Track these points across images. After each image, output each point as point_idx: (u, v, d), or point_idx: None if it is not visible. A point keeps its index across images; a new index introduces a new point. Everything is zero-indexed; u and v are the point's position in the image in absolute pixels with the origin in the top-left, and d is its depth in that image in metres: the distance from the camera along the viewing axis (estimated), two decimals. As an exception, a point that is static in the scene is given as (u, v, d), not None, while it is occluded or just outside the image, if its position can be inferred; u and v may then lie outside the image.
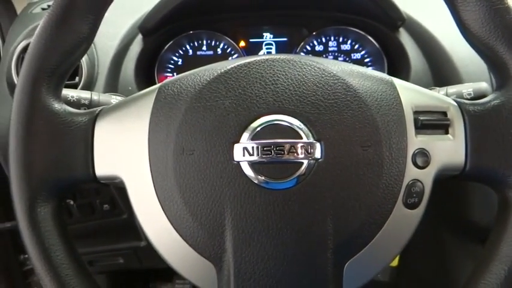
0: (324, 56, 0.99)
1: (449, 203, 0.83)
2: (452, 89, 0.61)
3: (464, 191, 0.84)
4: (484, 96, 0.59)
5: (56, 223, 0.47)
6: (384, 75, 0.50)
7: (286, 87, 0.46)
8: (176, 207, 0.44)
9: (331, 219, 0.42)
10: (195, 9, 0.89)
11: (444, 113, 0.47)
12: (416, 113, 0.46)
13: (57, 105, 0.48)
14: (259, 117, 0.45)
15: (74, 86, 0.79)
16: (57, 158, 0.46)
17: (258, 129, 0.44)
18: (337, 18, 0.97)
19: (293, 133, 0.44)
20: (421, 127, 0.46)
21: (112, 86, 0.83)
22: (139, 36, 0.89)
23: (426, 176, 0.45)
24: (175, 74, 0.99)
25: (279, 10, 0.98)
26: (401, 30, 0.88)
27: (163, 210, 0.45)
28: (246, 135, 0.44)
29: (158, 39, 0.93)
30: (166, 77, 0.98)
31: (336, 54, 0.99)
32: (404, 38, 0.88)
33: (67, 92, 0.62)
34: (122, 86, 0.84)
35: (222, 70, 0.48)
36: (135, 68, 0.87)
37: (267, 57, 0.48)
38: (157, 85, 0.51)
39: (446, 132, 0.47)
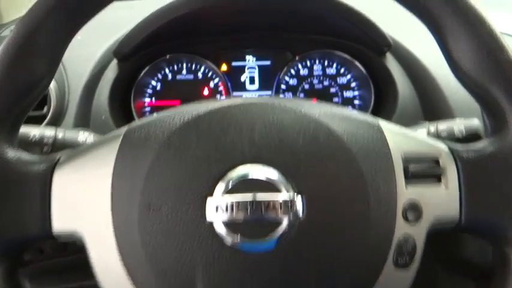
0: (309, 79, 0.95)
1: (441, 239, 0.79)
2: (443, 125, 0.57)
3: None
4: (476, 134, 0.55)
5: (8, 286, 0.42)
6: (370, 118, 0.46)
7: (263, 135, 0.42)
8: (141, 271, 0.39)
9: (315, 284, 0.37)
10: (174, 32, 0.85)
11: (436, 161, 0.43)
12: (406, 161, 0.42)
13: (11, 153, 0.43)
14: (234, 168, 0.41)
15: (42, 118, 0.74)
16: (9, 215, 0.41)
17: (233, 182, 0.40)
18: (322, 42, 0.93)
19: (271, 186, 0.40)
20: (412, 177, 0.42)
21: (84, 115, 0.78)
22: (115, 61, 0.84)
23: (418, 231, 0.41)
24: (153, 99, 0.95)
25: (262, 33, 0.94)
26: (388, 55, 0.85)
27: (127, 273, 0.40)
28: (219, 189, 0.40)
29: (135, 63, 0.89)
30: (144, 102, 0.94)
31: (321, 78, 0.96)
32: (391, 64, 0.85)
33: (28, 130, 0.57)
34: (94, 114, 0.79)
35: (194, 115, 0.43)
36: (109, 94, 0.82)
37: (243, 101, 0.44)
38: (123, 129, 0.46)
39: (439, 181, 0.43)
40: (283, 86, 0.95)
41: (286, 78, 0.95)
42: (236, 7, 0.79)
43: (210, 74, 0.95)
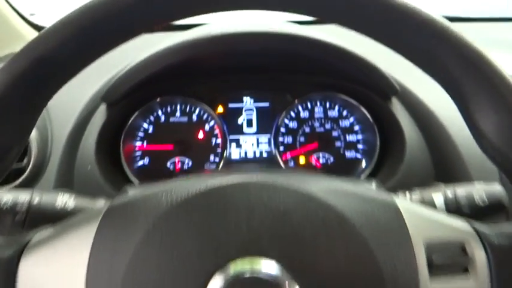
0: (310, 122, 0.90)
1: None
2: (461, 190, 0.52)
3: None
4: (499, 203, 0.50)
5: None
6: (385, 197, 0.41)
7: (264, 222, 0.36)
8: None
9: None
10: (167, 74, 0.80)
11: (462, 248, 0.37)
12: (429, 250, 0.36)
13: None
14: (230, 263, 0.35)
15: (22, 170, 0.69)
16: None
17: (229, 280, 0.34)
18: (323, 83, 0.89)
19: (273, 285, 0.34)
20: (436, 268, 0.36)
21: (68, 166, 0.72)
22: (103, 105, 0.79)
23: None
24: (145, 142, 0.89)
25: (261, 74, 0.89)
26: (394, 99, 0.81)
27: None
28: (212, 289, 0.33)
29: (126, 106, 0.84)
30: (135, 147, 0.88)
31: (323, 121, 0.91)
32: (397, 109, 0.80)
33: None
34: (79, 165, 0.74)
35: (183, 197, 0.38)
36: (97, 141, 0.76)
37: (240, 179, 0.38)
38: (103, 209, 0.40)
39: (466, 271, 0.37)
40: (282, 129, 0.90)
41: (286, 120, 0.90)
42: (233, 50, 0.75)
43: (205, 116, 0.90)
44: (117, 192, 0.76)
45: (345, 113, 0.90)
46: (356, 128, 0.90)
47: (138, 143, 0.89)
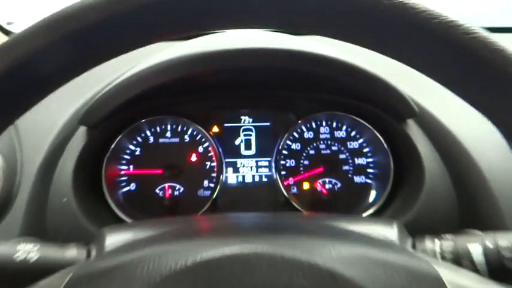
0: (315, 144, 0.81)
1: None
2: (503, 240, 0.43)
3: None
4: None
5: None
6: (424, 266, 0.32)
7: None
8: None
9: None
10: (155, 92, 0.71)
11: None
12: None
13: None
14: None
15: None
16: None
17: None
18: (330, 102, 0.80)
19: None
20: None
21: (39, 198, 0.63)
22: (82, 128, 0.70)
23: None
24: (131, 166, 0.80)
25: (260, 91, 0.81)
26: (410, 120, 0.72)
27: None
28: None
29: (109, 127, 0.75)
30: (119, 171, 0.79)
31: (329, 142, 0.82)
32: (413, 131, 0.71)
33: None
34: (54, 196, 0.64)
35: (164, 272, 0.28)
36: (75, 168, 0.67)
37: (237, 250, 0.29)
38: (65, 277, 0.31)
39: None
40: (284, 152, 0.81)
41: (289, 142, 0.81)
42: (230, 67, 0.66)
43: (198, 137, 0.81)
44: (96, 227, 0.67)
45: (353, 133, 0.82)
46: (366, 150, 0.81)
47: (124, 167, 0.80)
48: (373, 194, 0.79)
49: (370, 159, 0.81)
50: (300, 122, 0.81)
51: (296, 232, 0.34)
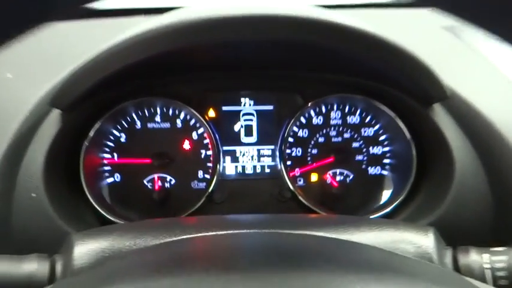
0: (324, 131, 0.72)
1: None
2: None
3: None
4: None
5: None
6: None
7: None
8: None
9: None
10: (142, 70, 0.61)
11: None
12: None
13: None
14: None
15: None
16: None
17: None
18: (343, 83, 0.70)
19: None
20: None
21: (4, 195, 0.53)
22: (56, 112, 0.60)
23: None
24: (115, 155, 0.70)
25: (263, 70, 0.71)
26: (436, 105, 0.62)
27: None
28: None
29: (89, 110, 0.65)
30: (101, 160, 0.69)
31: (340, 128, 0.72)
32: (441, 117, 0.62)
33: None
34: (21, 191, 0.55)
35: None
36: (46, 157, 0.57)
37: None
38: None
39: None
40: (290, 139, 0.71)
41: (295, 128, 0.72)
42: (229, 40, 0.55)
43: (192, 122, 0.71)
44: (73, 228, 0.57)
45: (368, 119, 0.72)
46: (382, 137, 0.72)
47: (107, 156, 0.70)
48: (390, 189, 0.70)
49: (386, 149, 0.72)
50: (308, 105, 0.71)
51: (327, 270, 0.25)
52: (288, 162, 0.71)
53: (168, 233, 0.39)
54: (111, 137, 0.70)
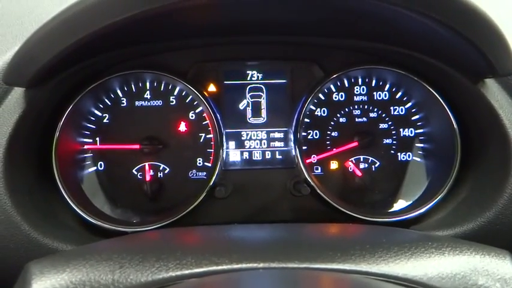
0: (347, 109, 0.60)
1: None
2: None
3: None
4: None
5: None
6: None
7: None
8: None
9: None
10: (126, 36, 0.48)
11: None
12: None
13: None
14: None
15: None
16: None
17: None
18: (370, 52, 0.58)
19: None
20: None
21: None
22: (18, 91, 0.48)
23: None
24: (97, 139, 0.59)
25: (272, 35, 0.58)
26: (487, 80, 0.50)
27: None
28: None
29: (63, 86, 0.52)
30: (81, 145, 0.58)
31: (366, 106, 0.61)
32: (492, 92, 0.50)
33: None
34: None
35: None
36: (8, 145, 0.46)
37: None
38: None
39: None
40: (306, 120, 0.60)
41: (312, 106, 0.60)
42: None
43: (188, 99, 0.59)
44: (40, 233, 0.47)
45: (399, 94, 0.60)
46: (415, 117, 0.60)
47: (87, 140, 0.59)
48: (426, 180, 0.59)
49: (420, 130, 0.61)
50: (328, 78, 0.59)
51: None
52: (304, 148, 0.60)
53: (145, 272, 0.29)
54: (92, 118, 0.59)
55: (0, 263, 0.44)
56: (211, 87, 0.60)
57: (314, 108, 0.60)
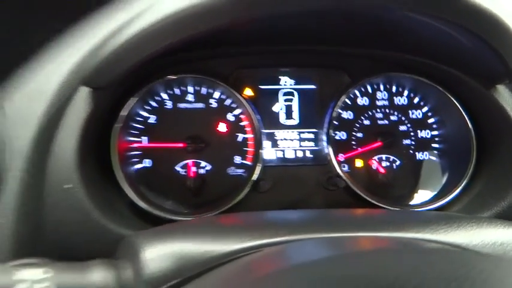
0: (370, 112, 0.67)
1: None
2: None
3: None
4: None
5: None
6: None
7: None
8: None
9: None
10: (174, 46, 0.54)
11: None
12: None
13: None
14: None
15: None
16: None
17: None
18: (390, 60, 0.65)
19: None
20: None
21: (32, 187, 0.47)
22: (86, 90, 0.52)
23: None
24: (145, 138, 0.64)
25: (304, 45, 0.64)
26: (500, 86, 0.58)
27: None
28: None
29: (118, 91, 0.58)
30: (130, 143, 0.63)
31: (387, 110, 0.67)
32: (505, 98, 0.57)
33: None
34: (52, 185, 0.48)
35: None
36: (79, 142, 0.51)
37: None
38: None
39: None
40: (334, 122, 0.66)
41: (339, 110, 0.66)
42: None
43: (228, 101, 0.65)
44: (109, 220, 0.51)
45: (416, 100, 0.67)
46: (431, 120, 0.67)
47: (135, 139, 0.64)
48: (443, 176, 0.66)
49: (435, 132, 0.67)
50: (354, 84, 0.65)
51: None
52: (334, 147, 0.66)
53: (252, 235, 0.34)
54: (140, 119, 0.64)
55: (74, 248, 0.49)
56: (249, 92, 0.66)
57: (341, 111, 0.67)
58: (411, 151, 0.67)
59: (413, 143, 0.67)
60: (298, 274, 0.27)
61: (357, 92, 0.67)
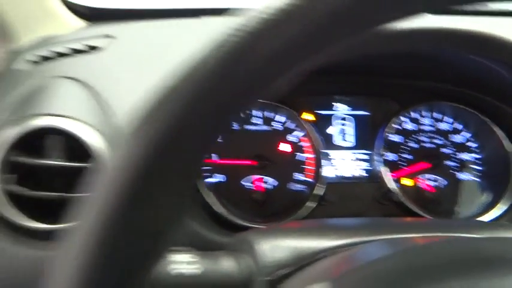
0: (417, 136, 0.74)
1: None
2: None
3: None
4: None
5: None
6: None
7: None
8: None
9: None
10: None
11: None
12: None
13: None
14: None
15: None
16: None
17: None
18: (435, 90, 0.73)
19: None
20: None
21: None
22: None
23: None
24: (215, 155, 0.70)
25: (357, 76, 0.73)
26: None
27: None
28: None
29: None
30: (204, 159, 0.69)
31: (432, 135, 0.75)
32: None
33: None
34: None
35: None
36: None
37: None
38: None
39: None
40: (385, 144, 0.73)
41: (389, 133, 0.73)
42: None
43: (291, 124, 0.72)
44: (200, 227, 0.56)
45: (458, 126, 0.75)
46: (472, 145, 0.74)
47: (207, 156, 0.70)
48: (486, 196, 0.72)
49: (476, 156, 0.74)
50: (402, 111, 0.73)
51: None
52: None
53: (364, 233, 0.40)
54: (211, 138, 0.70)
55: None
56: (307, 116, 0.73)
57: (391, 135, 0.74)
58: (453, 171, 0.74)
59: (456, 164, 0.74)
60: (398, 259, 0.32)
61: (405, 118, 0.74)
